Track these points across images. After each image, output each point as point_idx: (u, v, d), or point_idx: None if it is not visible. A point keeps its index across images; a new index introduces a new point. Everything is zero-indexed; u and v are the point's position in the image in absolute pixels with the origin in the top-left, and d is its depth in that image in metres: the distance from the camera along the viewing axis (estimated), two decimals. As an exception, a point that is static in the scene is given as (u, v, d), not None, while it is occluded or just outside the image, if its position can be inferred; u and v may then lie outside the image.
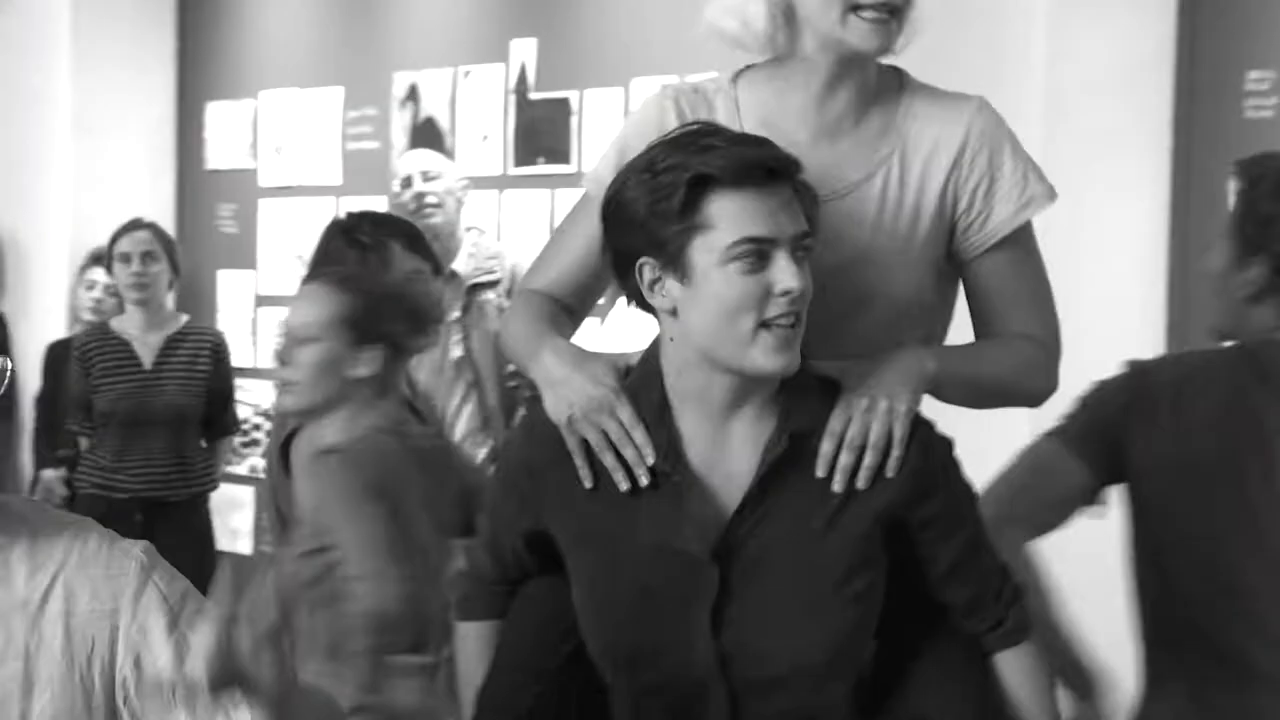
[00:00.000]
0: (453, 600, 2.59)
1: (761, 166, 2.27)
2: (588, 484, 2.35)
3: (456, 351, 5.15)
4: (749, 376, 2.29)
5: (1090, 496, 2.60)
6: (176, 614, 1.93)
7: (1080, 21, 4.49)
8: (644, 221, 2.28)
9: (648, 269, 2.29)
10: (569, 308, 2.55)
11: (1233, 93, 4.47)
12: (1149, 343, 4.52)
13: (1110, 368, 2.61)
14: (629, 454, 2.32)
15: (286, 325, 3.40)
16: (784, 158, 2.30)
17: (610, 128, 5.77)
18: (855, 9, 2.42)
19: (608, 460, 2.33)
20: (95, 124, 7.26)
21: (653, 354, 2.37)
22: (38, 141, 7.35)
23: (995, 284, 2.52)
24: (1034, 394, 2.56)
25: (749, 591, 2.31)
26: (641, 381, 2.36)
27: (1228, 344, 2.60)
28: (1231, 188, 2.58)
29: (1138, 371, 2.63)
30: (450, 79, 6.29)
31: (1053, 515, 2.60)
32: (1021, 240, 2.53)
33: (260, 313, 7.06)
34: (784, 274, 2.25)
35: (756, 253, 2.25)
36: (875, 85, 2.50)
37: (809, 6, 2.45)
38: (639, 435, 2.33)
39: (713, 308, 2.27)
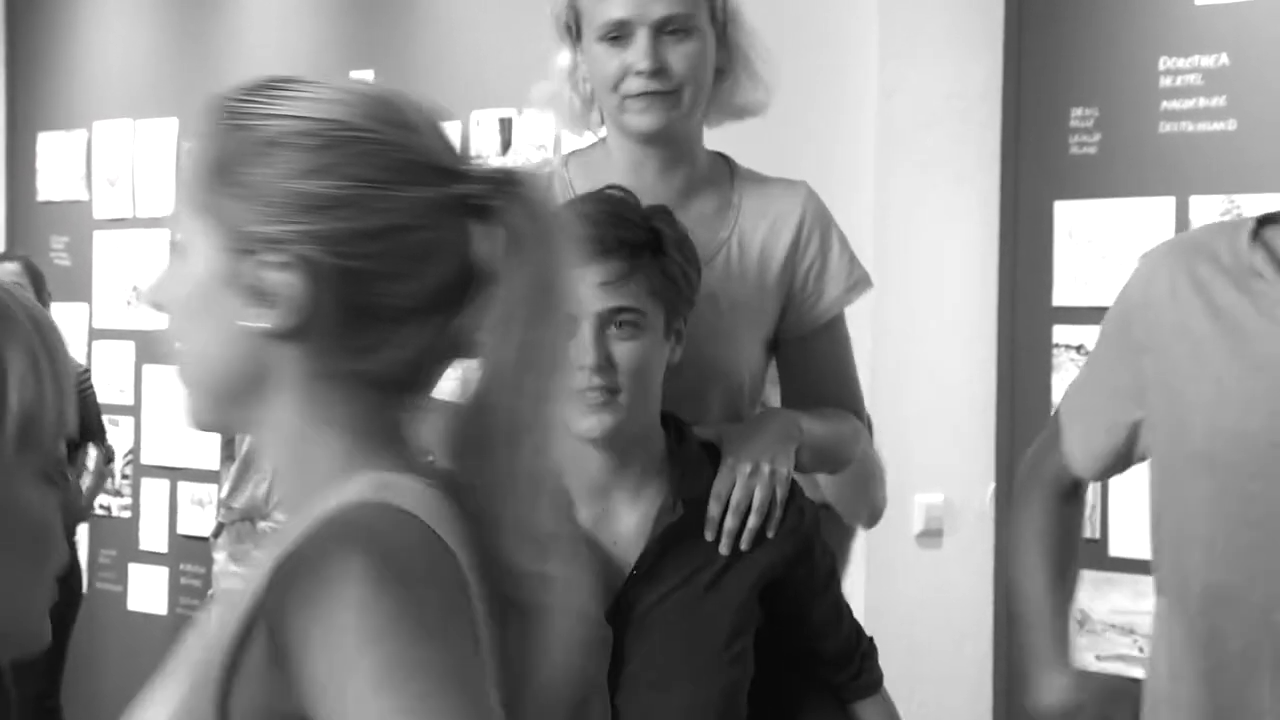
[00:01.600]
0: None
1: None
2: None
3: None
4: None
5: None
6: None
7: (912, 56, 4.58)
8: None
9: None
10: None
11: (1058, 128, 4.58)
12: (980, 362, 4.61)
13: (941, 388, 2.69)
14: None
15: None
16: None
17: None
18: (625, 95, 2.45)
19: None
20: (-77, 154, 7.13)
21: None
22: None
23: (817, 362, 2.59)
24: (852, 463, 2.67)
25: (641, 653, 2.36)
26: None
27: None
28: (1058, 218, 2.65)
29: None
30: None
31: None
32: (842, 323, 2.62)
33: (95, 346, 6.97)
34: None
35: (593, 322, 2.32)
36: (706, 168, 2.54)
37: (597, 93, 2.50)
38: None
39: None
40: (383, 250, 1.37)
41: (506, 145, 5.61)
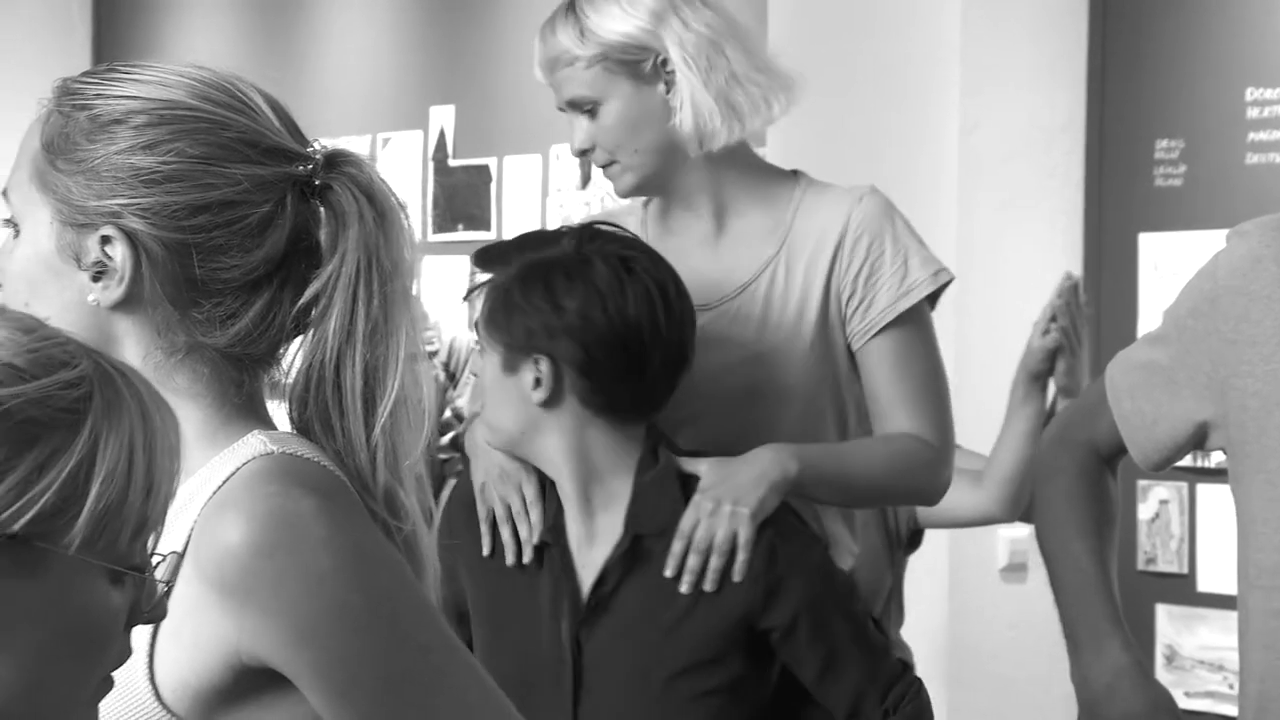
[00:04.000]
0: None
1: None
2: (484, 551, 2.42)
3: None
4: None
5: None
6: None
7: (994, 89, 4.55)
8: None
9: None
10: None
11: (1143, 160, 4.54)
12: (1064, 401, 4.56)
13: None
14: (522, 530, 2.39)
15: None
16: None
17: (529, 194, 5.79)
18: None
19: (504, 533, 2.40)
20: None
21: None
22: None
23: (880, 376, 2.51)
24: (917, 494, 2.57)
25: (598, 683, 2.36)
26: None
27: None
28: (1142, 251, 2.59)
29: None
30: (369, 146, 6.30)
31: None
32: (907, 331, 2.52)
33: None
34: None
35: None
36: (746, 189, 2.54)
37: None
38: (534, 513, 2.40)
39: None
40: (211, 224, 1.44)
41: (586, 179, 5.61)
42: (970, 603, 4.52)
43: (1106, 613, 2.22)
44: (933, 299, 2.58)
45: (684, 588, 2.34)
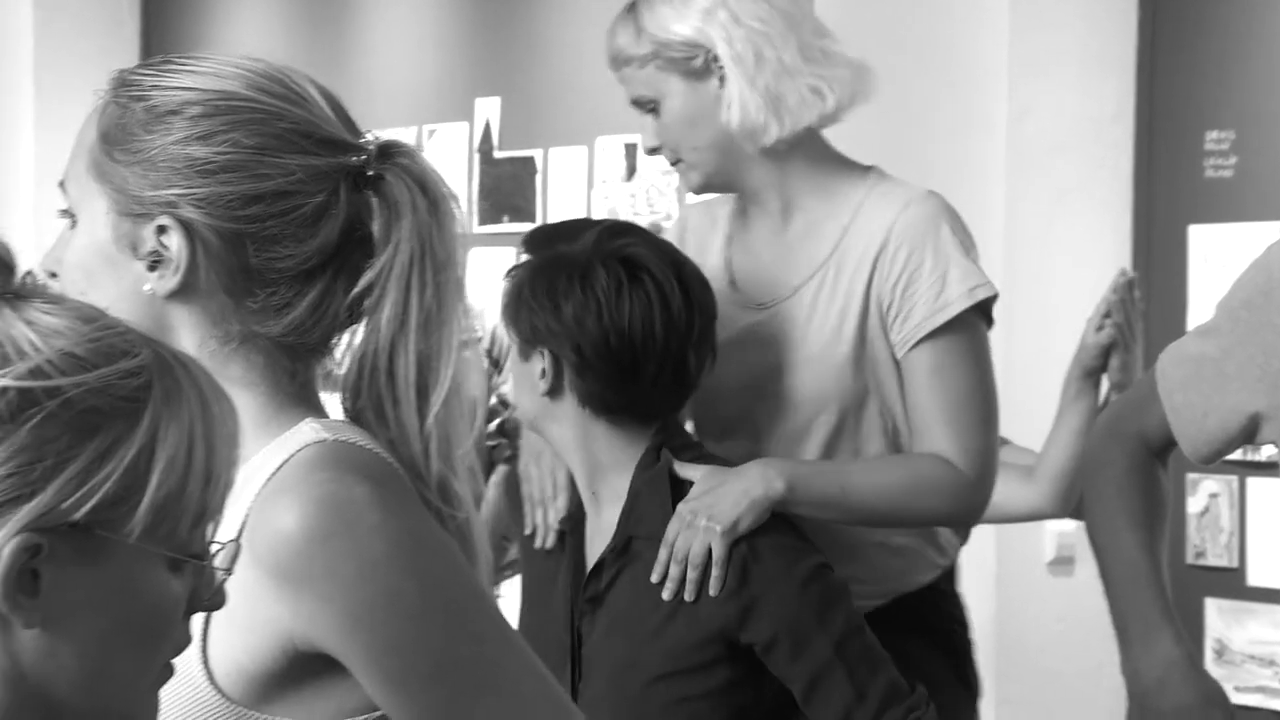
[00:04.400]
0: None
1: None
2: (525, 530, 2.51)
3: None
4: None
5: None
6: None
7: (1043, 79, 4.53)
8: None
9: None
10: None
11: (1193, 152, 4.51)
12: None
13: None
14: (549, 516, 2.43)
15: None
16: None
17: (575, 186, 5.79)
18: None
19: (535, 517, 2.45)
20: None
21: None
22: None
23: (916, 390, 2.46)
24: (934, 520, 2.50)
25: (593, 675, 2.39)
26: None
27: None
28: (1192, 243, 2.58)
29: None
30: (415, 137, 6.31)
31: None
32: (945, 346, 2.46)
33: None
34: None
35: None
36: (812, 187, 2.52)
37: None
38: (560, 500, 2.47)
39: None
40: (265, 214, 1.45)
41: (631, 171, 5.61)
42: (1017, 597, 4.50)
43: (1158, 605, 2.20)
44: (988, 313, 2.53)
45: (665, 594, 2.35)
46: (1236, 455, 2.41)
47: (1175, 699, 2.18)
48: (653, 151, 2.54)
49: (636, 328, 2.33)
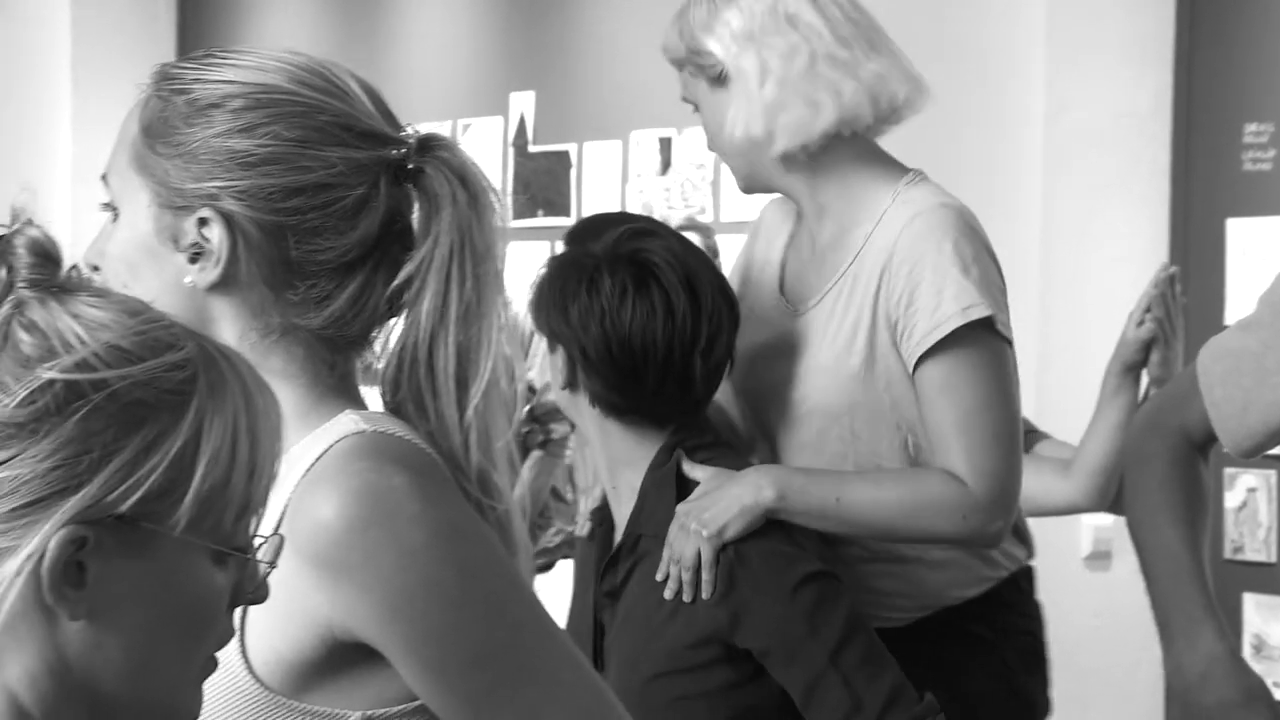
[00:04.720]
0: None
1: None
2: (575, 517, 2.55)
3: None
4: None
5: None
6: None
7: (1080, 72, 4.51)
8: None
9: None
10: None
11: (1231, 145, 4.50)
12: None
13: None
14: (585, 504, 2.48)
15: None
16: None
17: (609, 180, 5.80)
18: None
19: (582, 503, 2.50)
20: None
21: None
22: None
23: (926, 406, 2.41)
24: (940, 537, 2.42)
25: (607, 666, 2.40)
26: None
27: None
28: (1230, 236, 2.56)
29: None
30: (449, 131, 6.32)
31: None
32: (951, 362, 2.39)
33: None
34: None
35: None
36: (843, 192, 2.48)
37: None
38: (597, 490, 2.50)
39: None
40: (306, 206, 1.45)
41: (666, 165, 5.61)
42: (1053, 591, 4.48)
43: (1200, 600, 2.19)
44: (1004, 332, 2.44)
45: (666, 594, 2.37)
46: (1275, 450, 2.41)
47: (1218, 694, 2.17)
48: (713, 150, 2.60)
49: (637, 335, 2.34)
